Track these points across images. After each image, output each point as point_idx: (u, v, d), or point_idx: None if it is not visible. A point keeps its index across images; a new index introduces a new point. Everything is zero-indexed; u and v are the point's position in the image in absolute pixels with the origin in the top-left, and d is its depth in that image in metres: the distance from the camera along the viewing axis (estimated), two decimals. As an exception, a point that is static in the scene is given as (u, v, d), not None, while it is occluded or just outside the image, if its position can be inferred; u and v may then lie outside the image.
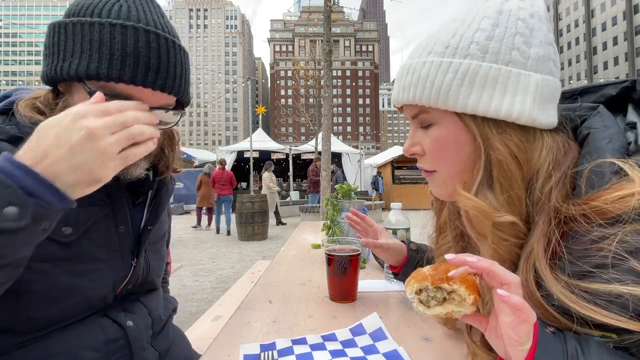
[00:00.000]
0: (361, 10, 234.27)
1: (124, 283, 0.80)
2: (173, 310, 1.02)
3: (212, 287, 4.39)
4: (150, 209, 0.87)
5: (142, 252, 0.83)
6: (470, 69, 0.55)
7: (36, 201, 0.48)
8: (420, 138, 0.64)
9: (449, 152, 0.60)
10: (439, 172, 0.63)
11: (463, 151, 0.59)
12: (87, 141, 0.51)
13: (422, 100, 0.59)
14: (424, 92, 0.58)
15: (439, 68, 0.57)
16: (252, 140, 11.72)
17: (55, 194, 0.50)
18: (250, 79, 13.42)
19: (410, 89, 0.60)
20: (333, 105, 12.31)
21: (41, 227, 0.50)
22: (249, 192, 9.90)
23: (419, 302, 0.53)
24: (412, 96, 0.60)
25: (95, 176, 0.53)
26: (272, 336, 0.77)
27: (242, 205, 7.64)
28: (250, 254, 6.31)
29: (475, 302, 0.50)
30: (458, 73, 0.56)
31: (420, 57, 0.60)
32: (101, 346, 0.74)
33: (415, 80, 0.59)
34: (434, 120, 0.61)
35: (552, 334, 0.46)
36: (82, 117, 0.51)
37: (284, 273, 1.31)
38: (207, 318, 1.85)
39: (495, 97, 0.54)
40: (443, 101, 0.57)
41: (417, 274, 0.55)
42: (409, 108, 0.63)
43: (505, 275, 0.46)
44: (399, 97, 0.64)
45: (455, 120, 0.58)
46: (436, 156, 0.62)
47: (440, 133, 0.60)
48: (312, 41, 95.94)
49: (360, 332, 0.76)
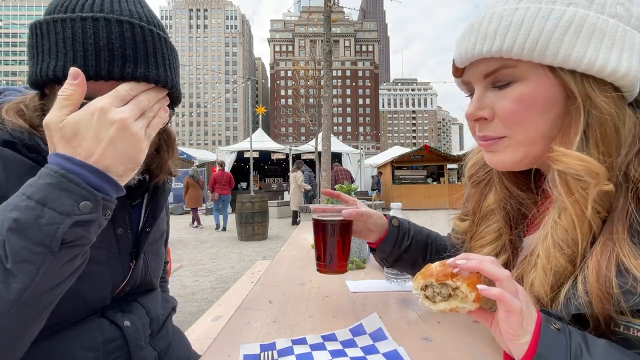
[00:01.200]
0: (361, 10, 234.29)
1: (123, 285, 0.79)
2: (172, 310, 1.01)
3: (212, 287, 4.39)
4: (148, 210, 0.86)
5: (141, 254, 0.83)
6: (577, 17, 0.50)
7: (102, 195, 0.53)
8: (492, 100, 0.57)
9: (533, 112, 0.54)
10: (510, 137, 0.57)
11: (550, 111, 0.53)
12: (122, 132, 0.54)
13: (511, 51, 0.52)
14: (515, 41, 0.51)
15: (537, 14, 0.51)
16: (252, 140, 11.73)
17: (113, 186, 0.55)
18: (250, 79, 13.43)
19: (496, 38, 0.53)
20: (333, 105, 12.30)
21: (105, 216, 0.56)
22: (249, 192, 9.91)
23: (424, 298, 0.54)
24: (498, 46, 0.52)
25: (136, 161, 0.57)
26: (272, 336, 0.77)
27: (242, 205, 7.64)
28: (250, 254, 6.31)
29: (478, 299, 0.50)
30: (562, 20, 0.50)
31: (508, 4, 0.54)
32: (99, 346, 0.74)
33: (504, 28, 0.52)
34: (519, 76, 0.54)
35: (556, 330, 0.45)
36: (107, 111, 0.54)
37: (284, 273, 1.31)
38: (207, 318, 1.85)
39: (602, 51, 0.49)
40: (540, 52, 0.51)
41: (425, 270, 0.55)
42: (486, 63, 0.56)
43: (494, 271, 0.47)
44: (475, 48, 0.55)
45: (548, 75, 0.52)
46: (514, 118, 0.55)
47: (527, 90, 0.53)
48: (312, 41, 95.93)
49: (360, 332, 0.76)
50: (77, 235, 0.51)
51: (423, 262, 0.86)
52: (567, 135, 0.52)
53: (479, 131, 0.61)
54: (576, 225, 0.50)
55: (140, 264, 0.83)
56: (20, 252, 0.48)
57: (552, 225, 0.54)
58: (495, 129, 0.58)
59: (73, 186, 0.51)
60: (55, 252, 0.50)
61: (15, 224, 0.48)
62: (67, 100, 0.54)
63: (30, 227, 0.48)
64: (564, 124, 0.53)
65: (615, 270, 0.45)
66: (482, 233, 0.70)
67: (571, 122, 0.52)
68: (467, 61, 0.58)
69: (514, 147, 0.58)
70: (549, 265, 0.53)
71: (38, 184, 0.50)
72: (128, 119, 0.55)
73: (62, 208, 0.50)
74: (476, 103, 0.59)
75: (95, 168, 0.53)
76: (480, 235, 0.71)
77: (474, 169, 0.76)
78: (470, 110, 0.60)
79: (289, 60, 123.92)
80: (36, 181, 0.51)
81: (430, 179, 16.50)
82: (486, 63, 0.56)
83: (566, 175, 0.51)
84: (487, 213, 0.70)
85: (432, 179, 16.62)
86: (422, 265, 0.78)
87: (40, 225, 0.48)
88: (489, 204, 0.70)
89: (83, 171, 0.52)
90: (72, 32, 0.61)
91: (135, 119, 0.57)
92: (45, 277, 0.50)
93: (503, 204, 0.67)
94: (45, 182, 0.50)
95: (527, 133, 0.55)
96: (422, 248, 0.90)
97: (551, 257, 0.52)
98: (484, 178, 0.73)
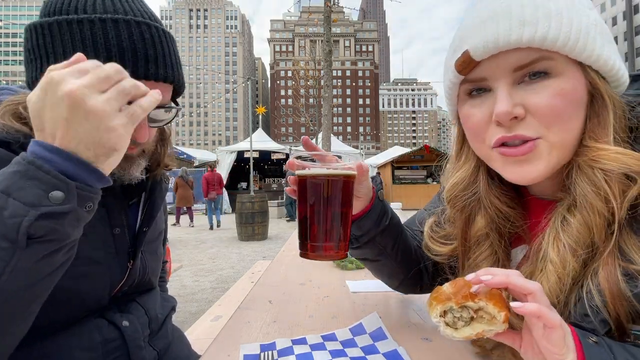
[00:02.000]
0: (361, 10, 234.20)
1: (120, 285, 0.79)
2: (171, 309, 1.01)
3: (212, 287, 4.39)
4: (145, 210, 0.86)
5: (138, 254, 0.82)
6: (598, 19, 0.50)
7: (77, 184, 0.47)
8: (523, 96, 0.51)
9: (571, 109, 0.50)
10: (544, 138, 0.51)
11: (582, 110, 0.51)
12: (74, 107, 0.45)
13: (557, 41, 0.47)
14: (560, 30, 0.47)
15: (570, 7, 0.49)
16: (252, 140, 11.72)
17: (93, 175, 0.49)
18: (250, 79, 13.43)
19: (539, 25, 0.47)
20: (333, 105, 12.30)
21: (86, 208, 0.50)
22: (249, 192, 9.92)
23: (445, 326, 0.48)
24: (542, 34, 0.47)
25: (107, 145, 0.48)
26: (272, 336, 0.77)
27: (242, 205, 7.64)
28: (250, 254, 6.31)
29: (507, 319, 0.45)
30: (590, 19, 0.49)
31: None
32: (98, 346, 0.74)
33: (545, 15, 0.48)
34: (556, 71, 0.50)
35: (595, 343, 0.43)
36: (58, 83, 0.46)
37: (284, 273, 1.31)
38: (207, 318, 1.85)
39: (614, 56, 0.52)
40: (581, 47, 0.48)
41: (438, 294, 0.50)
42: (519, 54, 0.50)
43: (525, 284, 0.42)
44: (511, 35, 0.48)
45: (579, 73, 0.51)
46: (554, 114, 0.50)
47: (566, 86, 0.50)
48: (312, 41, 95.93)
49: (360, 332, 0.76)
50: (47, 230, 0.46)
51: (391, 251, 0.76)
52: (600, 134, 0.50)
53: (506, 131, 0.52)
54: (600, 225, 0.48)
55: (138, 264, 0.83)
56: None
57: (563, 228, 0.51)
58: (529, 128, 0.51)
59: (41, 174, 0.45)
60: (23, 248, 0.45)
61: None
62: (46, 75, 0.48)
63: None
64: (593, 124, 0.51)
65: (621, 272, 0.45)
66: (476, 262, 0.64)
67: (601, 121, 0.51)
68: (495, 51, 0.50)
69: (548, 153, 0.52)
70: (564, 271, 0.50)
71: (5, 173, 0.46)
72: (77, 90, 0.45)
73: (27, 199, 0.44)
74: (508, 99, 0.51)
75: (70, 154, 0.47)
76: (474, 265, 0.64)
77: (455, 190, 0.67)
78: (505, 107, 0.50)
79: (289, 60, 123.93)
80: (5, 170, 0.47)
81: (430, 179, 16.49)
82: (520, 53, 0.50)
83: (612, 174, 0.47)
84: (478, 239, 0.64)
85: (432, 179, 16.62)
86: (389, 256, 0.77)
87: (3, 218, 0.44)
88: (479, 228, 0.63)
89: (55, 157, 0.46)
90: (90, 33, 0.61)
91: (97, 92, 0.47)
92: (15, 273, 0.45)
93: (495, 225, 0.62)
94: (13, 170, 0.46)
95: (564, 133, 0.51)
96: (395, 235, 0.77)
97: (567, 263, 0.50)
98: (470, 200, 0.65)
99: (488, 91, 0.55)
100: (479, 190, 0.64)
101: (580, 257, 0.49)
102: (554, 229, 0.53)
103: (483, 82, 0.55)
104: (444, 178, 0.72)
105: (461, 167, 0.67)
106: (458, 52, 0.55)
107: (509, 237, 0.63)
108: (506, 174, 0.56)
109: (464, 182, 0.66)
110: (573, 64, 0.50)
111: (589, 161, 0.50)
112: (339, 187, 0.61)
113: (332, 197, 0.61)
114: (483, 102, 0.55)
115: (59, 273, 0.53)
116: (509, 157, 0.54)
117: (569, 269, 0.50)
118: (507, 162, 0.55)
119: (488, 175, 0.64)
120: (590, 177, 0.50)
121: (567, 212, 0.52)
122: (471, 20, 0.54)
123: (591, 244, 0.49)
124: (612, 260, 0.47)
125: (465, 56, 0.53)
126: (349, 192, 0.63)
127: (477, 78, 0.55)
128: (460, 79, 0.57)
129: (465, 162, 0.67)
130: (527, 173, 0.53)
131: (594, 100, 0.52)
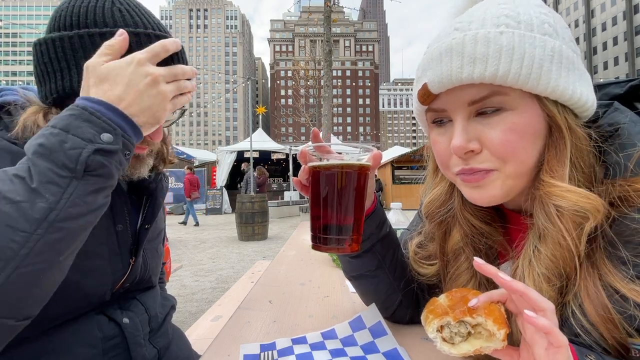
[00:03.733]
0: (361, 10, 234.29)
1: (122, 281, 0.80)
2: (171, 308, 1.02)
3: (212, 287, 4.39)
4: (147, 207, 0.87)
5: (140, 251, 0.84)
6: (556, 48, 0.49)
7: (122, 132, 0.57)
8: (478, 131, 0.53)
9: (525, 142, 0.51)
10: (499, 170, 0.53)
11: (537, 143, 0.52)
12: (152, 86, 0.59)
13: (507, 78, 0.48)
14: (510, 67, 0.48)
15: (524, 41, 0.48)
16: (252, 140, 11.72)
17: (134, 129, 0.59)
18: (250, 79, 13.43)
19: (489, 63, 0.48)
20: (333, 105, 12.31)
21: (125, 155, 0.58)
22: (249, 192, 9.95)
23: (442, 341, 0.47)
24: (492, 72, 0.48)
25: (156, 117, 0.61)
26: (272, 336, 0.77)
27: (242, 205, 7.64)
28: (250, 254, 6.31)
29: (506, 337, 0.45)
30: (546, 50, 0.49)
31: (485, 27, 0.50)
32: (98, 343, 0.75)
33: (495, 52, 0.48)
34: (509, 105, 0.51)
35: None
36: (143, 64, 0.59)
37: (284, 273, 1.31)
38: (207, 318, 1.85)
39: (577, 83, 0.51)
40: (534, 81, 0.48)
41: (434, 306, 0.49)
42: (473, 89, 0.51)
43: (540, 301, 0.42)
44: (462, 72, 0.50)
45: (535, 105, 0.51)
46: (507, 149, 0.51)
47: (519, 120, 0.50)
48: (312, 41, 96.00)
49: (360, 326, 0.76)
50: (99, 164, 0.53)
51: (389, 263, 0.75)
52: (555, 167, 0.51)
53: (464, 164, 0.55)
54: (567, 257, 0.49)
55: (140, 261, 0.84)
56: (45, 173, 0.50)
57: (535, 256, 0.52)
58: (484, 162, 0.53)
59: (94, 118, 0.54)
60: (80, 177, 0.52)
61: (40, 148, 0.51)
62: (108, 48, 0.60)
63: (55, 151, 0.51)
64: (550, 156, 0.52)
65: (606, 295, 0.46)
66: (455, 275, 0.65)
67: (557, 153, 0.51)
68: (450, 86, 0.52)
69: (503, 181, 0.54)
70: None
71: (61, 116, 0.54)
72: (160, 76, 0.60)
73: (85, 135, 0.53)
74: (463, 134, 0.53)
75: (114, 107, 0.57)
76: (454, 277, 0.66)
77: (432, 207, 0.69)
78: (459, 142, 0.52)
79: (289, 60, 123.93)
80: (60, 115, 0.55)
81: (430, 179, 16.50)
82: (473, 89, 0.51)
83: (564, 210, 0.49)
84: (455, 252, 0.66)
85: (432, 179, 16.59)
86: (387, 269, 0.75)
87: (65, 149, 0.51)
88: (455, 242, 0.65)
89: (102, 109, 0.56)
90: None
91: (166, 81, 0.61)
92: (70, 202, 0.51)
93: (470, 240, 0.63)
94: (68, 114, 0.54)
95: (518, 165, 0.52)
96: (393, 246, 0.76)
97: (544, 291, 0.50)
98: (446, 216, 0.67)
99: (450, 121, 0.57)
100: (454, 206, 0.66)
101: (556, 286, 0.51)
102: (527, 258, 0.53)
103: (443, 113, 0.57)
104: (423, 193, 0.75)
105: (438, 184, 0.70)
106: (419, 83, 0.57)
107: (488, 252, 0.64)
108: (466, 195, 0.59)
109: (440, 199, 0.68)
110: (529, 96, 0.51)
111: (544, 195, 0.52)
112: (354, 177, 0.60)
113: (347, 188, 0.60)
114: (446, 132, 0.58)
115: (99, 214, 0.57)
116: (467, 183, 0.56)
117: (546, 297, 0.50)
118: (466, 186, 0.58)
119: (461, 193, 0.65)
120: (546, 210, 0.51)
121: (538, 241, 0.53)
122: (430, 53, 0.55)
123: (564, 273, 0.50)
124: (593, 288, 0.47)
125: (424, 88, 0.55)
126: (364, 183, 0.62)
127: (437, 109, 0.57)
128: (424, 108, 0.59)
129: (442, 180, 0.69)
130: (484, 197, 0.56)
131: (552, 131, 0.53)
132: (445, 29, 0.55)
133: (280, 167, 19.59)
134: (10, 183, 0.49)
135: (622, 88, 0.59)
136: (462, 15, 0.54)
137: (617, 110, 0.55)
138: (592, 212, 0.47)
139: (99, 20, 0.66)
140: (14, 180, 0.49)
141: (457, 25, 0.53)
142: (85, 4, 0.67)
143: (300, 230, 2.34)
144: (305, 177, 0.63)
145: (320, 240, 0.60)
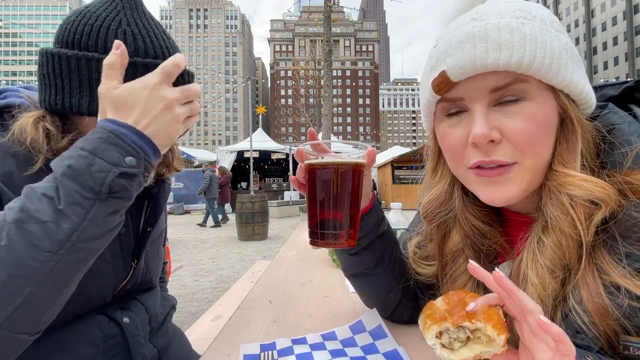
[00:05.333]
0: (361, 10, 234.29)
1: (124, 284, 0.80)
2: (171, 308, 1.02)
3: (212, 287, 4.39)
4: (149, 210, 0.87)
5: (142, 253, 0.84)
6: (569, 43, 0.51)
7: (144, 156, 0.59)
8: (498, 120, 0.51)
9: (543, 133, 0.51)
10: (520, 163, 0.52)
11: (552, 135, 0.52)
12: (168, 110, 0.61)
13: (531, 66, 0.48)
14: (535, 55, 0.48)
15: (543, 32, 0.49)
16: (252, 140, 11.72)
17: (152, 149, 0.60)
18: (250, 79, 13.44)
19: (514, 50, 0.48)
20: (333, 105, 12.29)
21: (145, 177, 0.60)
22: (249, 192, 9.93)
23: (442, 348, 0.47)
24: (518, 58, 0.48)
25: (171, 138, 0.63)
26: (272, 336, 0.77)
27: (242, 205, 7.64)
28: (250, 254, 6.31)
29: (506, 342, 0.44)
30: (562, 43, 0.50)
31: (504, 17, 0.50)
32: (99, 342, 0.75)
33: (520, 39, 0.48)
34: (529, 94, 0.50)
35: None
36: (160, 88, 0.60)
37: (284, 273, 1.31)
38: (207, 318, 1.85)
39: (582, 78, 0.53)
40: (554, 71, 0.49)
41: (432, 311, 0.48)
42: (495, 76, 0.50)
43: (528, 303, 0.41)
44: (487, 58, 0.48)
45: (551, 97, 0.51)
46: (527, 139, 0.50)
47: (538, 110, 0.50)
48: (312, 41, 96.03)
49: (360, 329, 0.76)
50: (121, 187, 0.55)
51: (388, 261, 0.74)
52: (568, 158, 0.51)
53: (484, 155, 0.52)
54: (571, 247, 0.49)
55: (142, 263, 0.84)
56: (72, 195, 0.52)
57: (539, 248, 0.52)
58: (506, 154, 0.51)
59: (120, 141, 0.56)
60: (103, 200, 0.54)
61: (69, 170, 0.53)
62: (110, 69, 0.60)
63: (82, 173, 0.53)
64: (562, 148, 0.52)
65: (605, 291, 0.46)
66: (454, 277, 0.65)
67: (569, 146, 0.52)
68: (473, 72, 0.50)
69: (522, 177, 0.52)
70: (545, 292, 0.51)
71: (89, 138, 0.56)
72: (175, 100, 0.61)
73: (111, 159, 0.55)
74: (485, 123, 0.51)
75: (138, 130, 0.58)
76: (453, 279, 0.65)
77: (431, 207, 0.67)
78: (482, 130, 0.50)
79: (289, 60, 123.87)
80: (88, 137, 0.56)
81: (430, 179, 16.50)
82: (497, 76, 0.50)
83: (578, 199, 0.48)
84: (453, 254, 0.65)
85: (432, 179, 16.59)
86: (386, 266, 0.75)
87: (92, 172, 0.53)
88: (455, 243, 0.64)
89: (127, 132, 0.58)
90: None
91: (180, 104, 0.63)
92: (91, 223, 0.53)
93: (470, 241, 0.63)
94: (96, 137, 0.56)
95: (536, 158, 0.52)
96: (391, 243, 0.76)
97: (547, 284, 0.51)
98: (445, 217, 0.65)
99: (465, 111, 0.55)
100: (455, 207, 0.64)
101: (559, 278, 0.51)
102: (531, 250, 0.53)
103: (460, 102, 0.55)
104: (421, 193, 0.73)
105: (437, 183, 0.68)
106: (435, 72, 0.55)
107: (488, 253, 0.64)
108: (481, 194, 0.56)
109: (439, 199, 0.66)
110: (545, 88, 0.51)
111: (557, 186, 0.51)
112: (349, 174, 0.61)
113: (342, 184, 0.61)
114: (460, 123, 0.56)
115: (113, 234, 0.59)
116: (484, 178, 0.54)
117: (549, 290, 0.51)
118: (481, 182, 0.55)
119: (463, 192, 0.64)
120: (558, 201, 0.51)
121: (542, 233, 0.53)
122: (447, 42, 0.54)
123: (567, 265, 0.50)
124: (592, 280, 0.48)
125: (442, 76, 0.53)
126: (358, 180, 0.63)
127: (454, 98, 0.55)
128: (437, 98, 0.57)
129: (441, 179, 0.67)
130: (501, 194, 0.54)
131: (563, 124, 0.53)
132: (459, 20, 0.55)
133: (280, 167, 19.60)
134: (38, 202, 0.51)
135: (617, 90, 0.60)
136: (475, 8, 0.54)
137: (612, 111, 0.56)
138: (607, 200, 0.47)
139: (100, 45, 0.66)
140: (42, 200, 0.52)
141: (475, 16, 0.52)
142: (91, 22, 0.67)
143: (300, 230, 2.34)
144: (302, 175, 0.64)
145: (317, 236, 0.62)
